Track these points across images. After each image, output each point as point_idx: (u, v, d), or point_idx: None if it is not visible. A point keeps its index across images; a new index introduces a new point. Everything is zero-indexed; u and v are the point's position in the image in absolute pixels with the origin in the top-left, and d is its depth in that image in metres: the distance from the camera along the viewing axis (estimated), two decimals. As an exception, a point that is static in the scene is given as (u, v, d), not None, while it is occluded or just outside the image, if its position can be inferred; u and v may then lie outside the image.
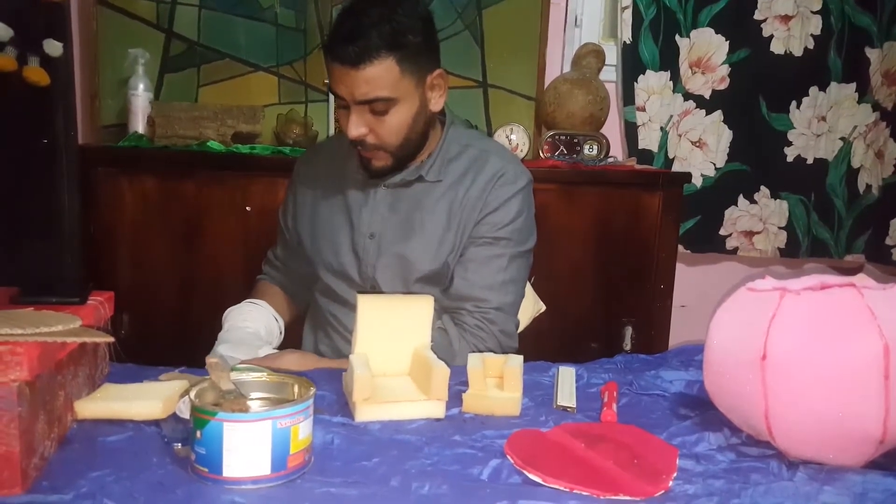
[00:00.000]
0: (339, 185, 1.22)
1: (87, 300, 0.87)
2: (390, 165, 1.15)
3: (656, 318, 1.90)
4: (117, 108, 1.94)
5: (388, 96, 1.06)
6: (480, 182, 1.17)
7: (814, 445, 0.78)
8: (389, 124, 1.09)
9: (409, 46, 1.06)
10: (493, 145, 1.27)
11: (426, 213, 1.17)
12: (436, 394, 0.88)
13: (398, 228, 1.18)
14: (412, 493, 0.69)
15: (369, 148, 1.12)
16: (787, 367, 0.76)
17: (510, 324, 1.20)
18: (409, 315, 0.99)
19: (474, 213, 1.17)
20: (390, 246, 1.17)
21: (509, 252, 1.18)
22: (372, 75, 1.04)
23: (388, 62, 1.04)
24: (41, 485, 0.67)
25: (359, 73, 1.04)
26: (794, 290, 0.80)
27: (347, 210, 1.21)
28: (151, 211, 1.75)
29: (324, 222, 1.22)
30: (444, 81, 1.14)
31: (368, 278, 1.19)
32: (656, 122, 2.15)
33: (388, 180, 1.19)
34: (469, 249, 1.18)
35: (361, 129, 1.08)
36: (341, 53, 1.04)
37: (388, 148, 1.12)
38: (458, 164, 1.19)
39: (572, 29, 2.17)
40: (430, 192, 1.18)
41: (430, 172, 1.18)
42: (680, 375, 1.04)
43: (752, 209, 2.25)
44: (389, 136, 1.10)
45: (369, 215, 1.19)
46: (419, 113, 1.12)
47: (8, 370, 0.64)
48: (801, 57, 2.17)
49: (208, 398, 0.74)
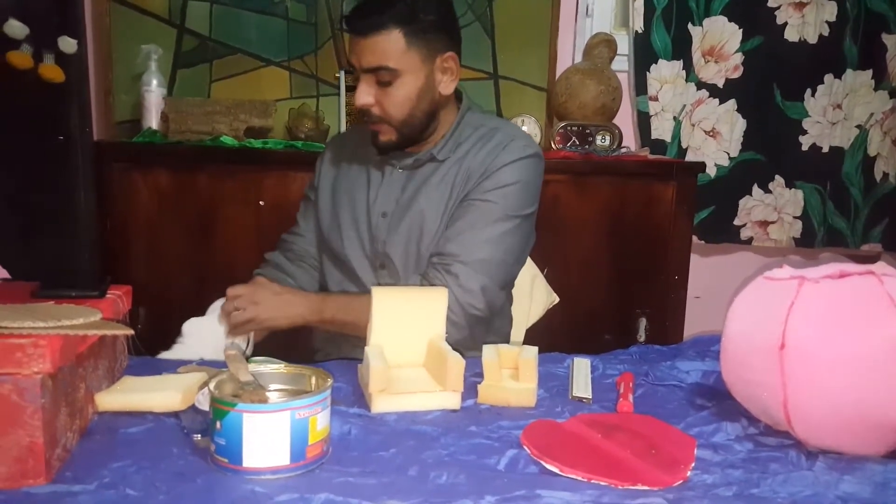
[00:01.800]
0: (362, 167, 1.27)
1: (105, 294, 0.88)
2: (395, 141, 1.18)
3: (670, 309, 1.89)
4: (131, 104, 1.95)
5: (392, 67, 1.11)
6: (485, 151, 1.20)
7: (833, 434, 0.77)
8: (394, 96, 1.13)
9: (418, 22, 1.11)
10: (505, 124, 1.28)
11: (431, 188, 1.20)
12: (451, 385, 0.89)
13: (406, 205, 1.21)
14: (430, 482, 0.70)
15: (375, 120, 1.16)
16: (807, 356, 0.75)
17: (473, 281, 1.13)
18: (423, 307, 0.99)
19: (473, 179, 1.19)
20: (398, 223, 1.21)
21: (495, 214, 1.15)
22: (378, 45, 1.10)
23: (394, 34, 1.10)
24: (65, 475, 0.68)
25: (366, 42, 1.11)
26: (813, 279, 0.80)
27: (366, 190, 1.25)
28: (166, 206, 1.76)
29: (342, 200, 1.27)
30: (455, 65, 1.18)
31: (380, 254, 1.22)
32: (669, 112, 2.13)
33: (403, 162, 1.23)
34: (455, 211, 1.18)
35: (367, 98, 1.14)
36: (354, 23, 1.12)
37: (392, 121, 1.16)
38: (467, 143, 1.22)
39: (584, 19, 2.15)
40: (438, 169, 1.21)
41: (441, 152, 1.21)
42: (696, 366, 1.04)
43: (766, 199, 2.23)
44: (393, 109, 1.14)
45: (383, 195, 1.23)
46: (424, 90, 1.15)
47: (31, 362, 0.65)
48: (815, 44, 2.14)
49: (227, 389, 0.74)
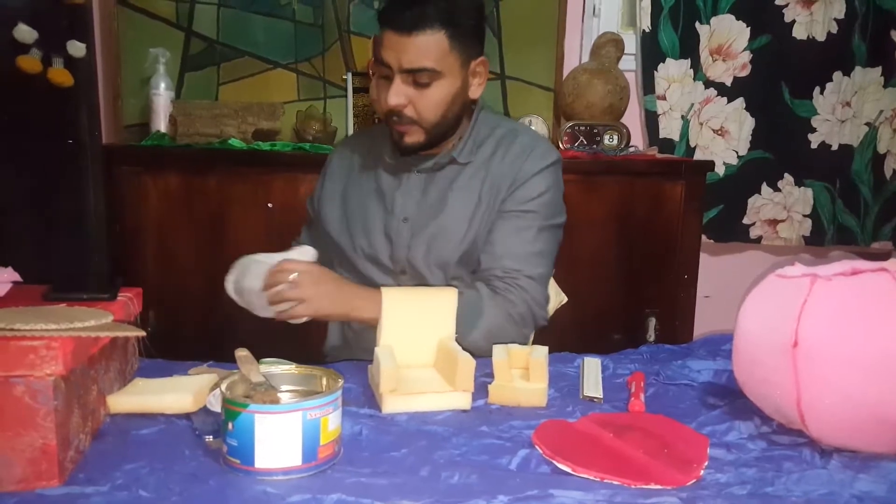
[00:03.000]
0: (373, 172, 1.24)
1: (117, 296, 0.88)
2: (422, 142, 1.15)
3: (680, 308, 1.88)
4: (139, 108, 1.96)
5: (435, 68, 1.08)
6: (509, 158, 1.18)
7: (848, 432, 0.77)
8: (430, 98, 1.10)
9: (460, 25, 1.10)
10: (522, 126, 1.30)
11: (457, 192, 1.18)
12: (462, 385, 0.88)
13: (430, 211, 1.18)
14: (441, 482, 0.70)
15: (405, 121, 1.12)
16: (820, 354, 0.75)
17: (541, 294, 1.18)
18: (433, 307, 0.99)
19: (503, 189, 1.17)
20: (422, 228, 1.18)
21: (537, 224, 1.17)
22: (422, 44, 1.07)
23: (439, 35, 1.07)
24: (78, 477, 0.69)
25: (410, 40, 1.06)
26: (826, 276, 0.79)
27: (381, 195, 1.22)
28: (175, 208, 1.77)
29: (355, 208, 1.23)
30: (485, 70, 1.17)
31: (400, 261, 1.19)
32: (677, 111, 2.13)
33: (421, 165, 1.19)
34: (496, 223, 1.17)
35: (401, 99, 1.10)
36: (396, 19, 1.07)
37: (424, 123, 1.12)
38: (487, 146, 1.20)
39: (590, 18, 2.15)
40: (461, 174, 1.19)
41: (461, 154, 1.19)
42: (707, 365, 1.03)
43: (775, 197, 2.21)
44: (427, 111, 1.11)
45: (403, 200, 1.19)
46: (458, 94, 1.13)
47: (43, 364, 0.66)
48: (824, 42, 2.13)
49: (239, 391, 0.75)
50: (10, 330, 0.67)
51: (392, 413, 0.87)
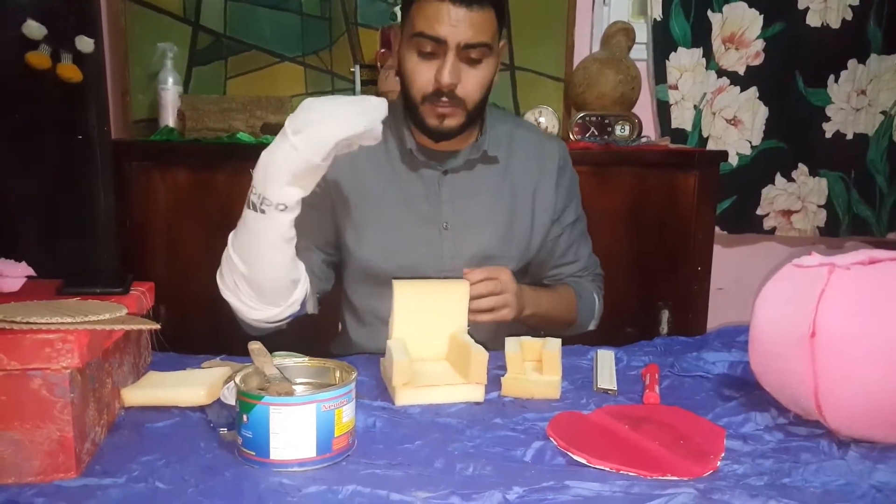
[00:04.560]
0: (388, 169, 1.15)
1: (129, 290, 0.89)
2: (461, 125, 1.09)
3: (693, 301, 1.87)
4: (148, 103, 1.96)
5: (490, 43, 1.05)
6: (550, 172, 1.20)
7: (866, 423, 0.76)
8: (479, 76, 1.06)
9: (502, 6, 1.07)
10: (529, 124, 1.33)
11: (494, 198, 1.16)
12: (475, 377, 0.88)
13: (470, 217, 1.15)
14: (456, 473, 0.69)
15: (454, 102, 1.06)
16: (838, 344, 0.74)
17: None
18: (445, 300, 0.98)
19: (555, 205, 1.21)
20: (464, 233, 1.14)
21: (582, 222, 1.29)
22: (481, 20, 1.03)
23: (491, 13, 1.04)
24: (94, 469, 0.69)
25: (471, 14, 1.02)
26: (843, 266, 0.78)
27: (409, 202, 1.14)
28: (184, 203, 1.77)
29: (378, 220, 1.13)
30: (503, 53, 1.15)
31: (445, 270, 1.13)
32: (689, 101, 2.11)
33: (447, 165, 1.14)
34: (562, 237, 1.24)
35: (456, 77, 1.04)
36: None
37: (468, 103, 1.07)
38: (512, 145, 1.19)
39: (601, 8, 2.13)
40: (490, 175, 1.16)
41: (490, 147, 1.16)
42: (722, 357, 1.03)
43: (789, 188, 2.19)
44: (475, 90, 1.07)
45: (438, 205, 1.14)
46: (494, 74, 1.11)
47: (60, 357, 0.66)
48: (838, 29, 2.10)
49: (253, 383, 0.75)
50: (27, 323, 0.67)
51: (405, 406, 0.87)
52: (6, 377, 0.65)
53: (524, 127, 1.25)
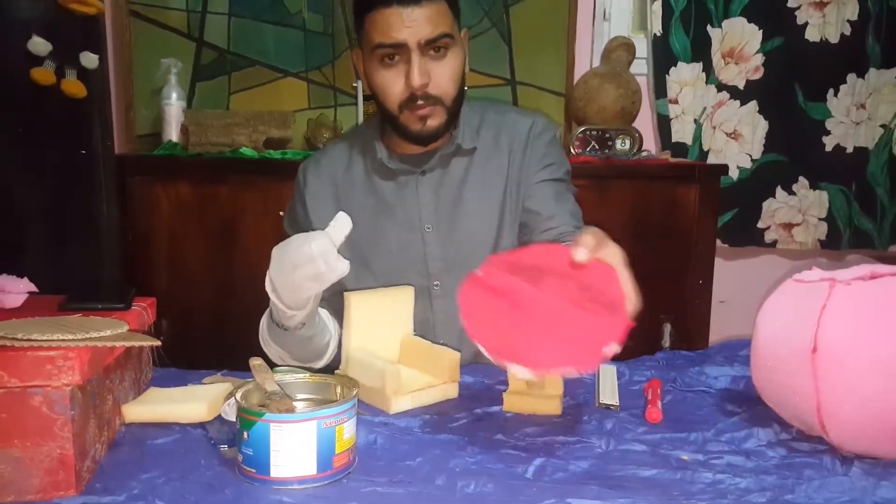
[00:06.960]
0: (365, 186, 1.16)
1: (131, 306, 0.89)
2: (444, 124, 1.09)
3: (695, 314, 1.86)
4: (151, 118, 1.97)
5: (450, 33, 1.05)
6: (518, 143, 1.16)
7: (869, 439, 0.75)
8: (448, 68, 1.06)
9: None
10: (507, 105, 1.31)
11: (476, 191, 1.14)
12: (450, 376, 0.93)
13: (452, 214, 1.14)
14: (458, 491, 0.69)
15: (431, 101, 1.06)
16: (840, 359, 0.74)
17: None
18: (394, 306, 1.01)
19: (527, 172, 1.16)
20: (450, 236, 1.14)
21: (572, 190, 1.21)
22: (434, 12, 1.03)
23: (443, 4, 1.04)
24: (94, 486, 0.69)
25: (423, 10, 1.02)
26: (844, 280, 0.78)
27: (389, 209, 1.15)
28: (187, 218, 1.78)
29: (362, 229, 1.11)
30: (466, 42, 1.14)
31: (433, 273, 1.14)
32: (690, 115, 2.12)
33: (425, 165, 1.14)
34: (533, 198, 1.15)
35: (425, 77, 1.04)
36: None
37: (445, 99, 1.07)
38: (485, 132, 1.17)
39: (601, 23, 2.15)
40: (470, 167, 1.15)
41: (464, 140, 1.14)
42: (725, 371, 1.02)
43: (790, 201, 2.19)
44: (448, 84, 1.07)
45: (417, 209, 1.14)
46: (463, 65, 1.10)
47: (60, 374, 0.66)
48: (837, 43, 2.11)
49: (254, 399, 0.74)
50: (28, 340, 0.67)
51: (402, 415, 0.88)
52: (7, 394, 0.65)
53: (493, 110, 1.20)
